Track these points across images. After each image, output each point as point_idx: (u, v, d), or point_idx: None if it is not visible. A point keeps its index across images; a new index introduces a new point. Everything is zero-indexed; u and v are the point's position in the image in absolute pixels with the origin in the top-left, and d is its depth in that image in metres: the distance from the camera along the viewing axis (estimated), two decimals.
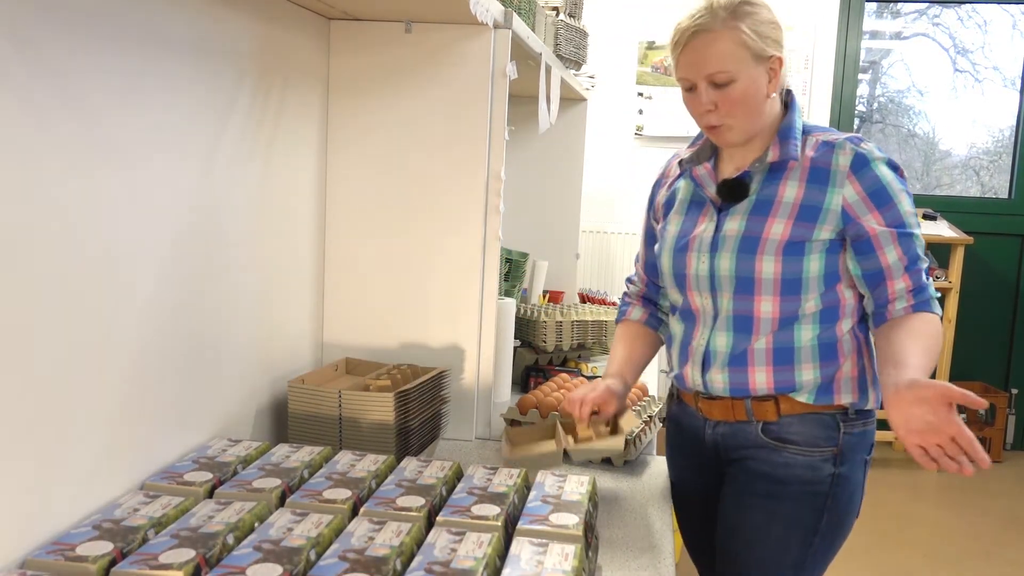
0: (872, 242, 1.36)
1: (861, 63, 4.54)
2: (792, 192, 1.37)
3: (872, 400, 1.43)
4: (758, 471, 1.42)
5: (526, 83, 2.09)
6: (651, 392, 1.97)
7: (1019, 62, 4.53)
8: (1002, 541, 3.41)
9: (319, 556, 0.96)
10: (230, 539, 0.97)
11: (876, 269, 1.37)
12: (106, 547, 0.93)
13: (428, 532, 1.02)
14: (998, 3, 4.49)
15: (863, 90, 4.68)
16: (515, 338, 2.12)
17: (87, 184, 1.02)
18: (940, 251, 4.26)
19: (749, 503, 1.43)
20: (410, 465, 1.22)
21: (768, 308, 1.39)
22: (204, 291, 1.31)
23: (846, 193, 1.35)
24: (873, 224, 1.35)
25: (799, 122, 1.41)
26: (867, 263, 1.37)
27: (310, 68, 1.62)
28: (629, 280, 1.68)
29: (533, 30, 1.97)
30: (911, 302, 1.35)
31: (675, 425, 1.59)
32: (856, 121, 4.60)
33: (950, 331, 4.12)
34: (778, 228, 1.36)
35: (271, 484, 1.12)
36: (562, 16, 2.37)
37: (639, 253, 1.66)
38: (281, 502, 1.11)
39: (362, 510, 1.06)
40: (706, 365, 1.43)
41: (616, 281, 4.39)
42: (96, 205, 1.04)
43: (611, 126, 4.31)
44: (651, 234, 1.60)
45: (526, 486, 1.19)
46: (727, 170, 1.46)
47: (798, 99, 1.45)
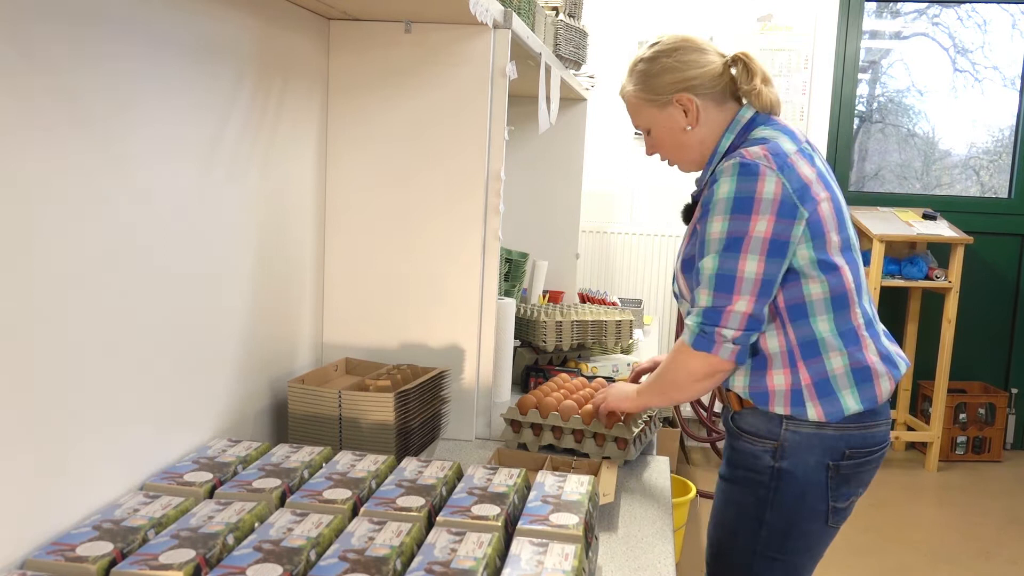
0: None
1: (861, 63, 4.54)
2: (697, 212, 1.49)
3: (814, 413, 1.41)
4: (727, 456, 1.56)
5: (526, 83, 2.09)
6: None
7: (1019, 62, 4.53)
8: (1002, 541, 3.41)
9: (319, 556, 0.96)
10: (230, 539, 0.97)
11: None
12: (106, 547, 0.93)
13: (428, 532, 1.02)
14: (998, 3, 4.49)
15: (863, 90, 4.68)
16: (515, 338, 2.12)
17: (86, 184, 1.02)
18: (940, 251, 4.26)
19: (718, 486, 1.58)
20: (410, 465, 1.22)
21: None
22: (204, 291, 1.31)
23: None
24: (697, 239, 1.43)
25: (724, 143, 1.48)
26: None
27: (310, 68, 1.62)
28: None
29: (533, 30, 1.97)
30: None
31: None
32: (856, 121, 4.60)
33: (950, 331, 4.12)
34: (683, 246, 1.51)
35: (271, 484, 1.12)
36: (562, 16, 2.37)
37: None
38: (281, 502, 1.11)
39: (362, 510, 1.06)
40: None
41: (616, 281, 4.39)
42: (95, 205, 1.04)
43: (611, 126, 4.31)
44: None
45: (526, 486, 1.19)
46: None
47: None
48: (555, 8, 2.35)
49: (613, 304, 3.00)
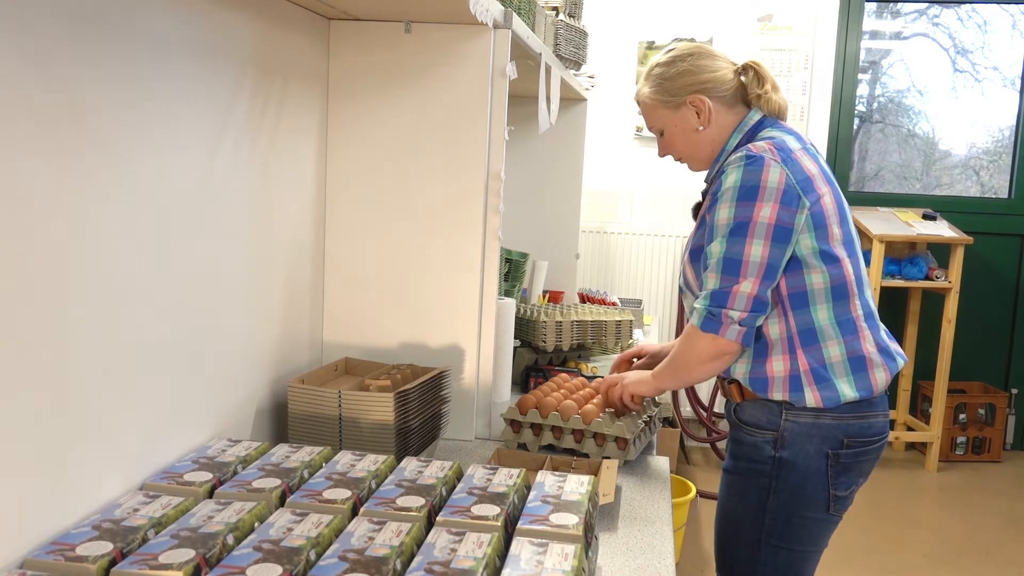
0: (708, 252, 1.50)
1: (861, 63, 4.54)
2: (704, 207, 1.56)
3: (812, 399, 1.46)
4: (729, 449, 1.61)
5: (526, 83, 2.09)
6: None
7: (1019, 62, 4.53)
8: (1002, 541, 3.41)
9: (319, 556, 0.96)
10: (230, 539, 0.97)
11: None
12: (106, 547, 0.93)
13: (428, 532, 1.02)
14: (998, 3, 4.49)
15: (863, 90, 4.68)
16: (515, 338, 2.12)
17: (87, 184, 1.02)
18: (940, 251, 4.25)
19: (722, 479, 1.64)
20: (410, 465, 1.22)
21: None
22: (204, 291, 1.31)
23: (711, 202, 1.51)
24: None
25: (732, 143, 1.57)
26: None
27: (310, 68, 1.62)
28: None
29: (533, 30, 1.97)
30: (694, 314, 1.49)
31: None
32: (856, 121, 4.60)
33: (950, 331, 4.12)
34: (690, 238, 1.58)
35: (271, 484, 1.12)
36: (562, 16, 2.37)
37: None
38: (281, 502, 1.11)
39: (362, 510, 1.06)
40: None
41: (616, 281, 4.39)
42: (96, 205, 1.04)
43: (611, 126, 4.31)
44: None
45: (526, 486, 1.19)
46: None
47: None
48: (555, 8, 2.35)
49: (613, 304, 3.00)
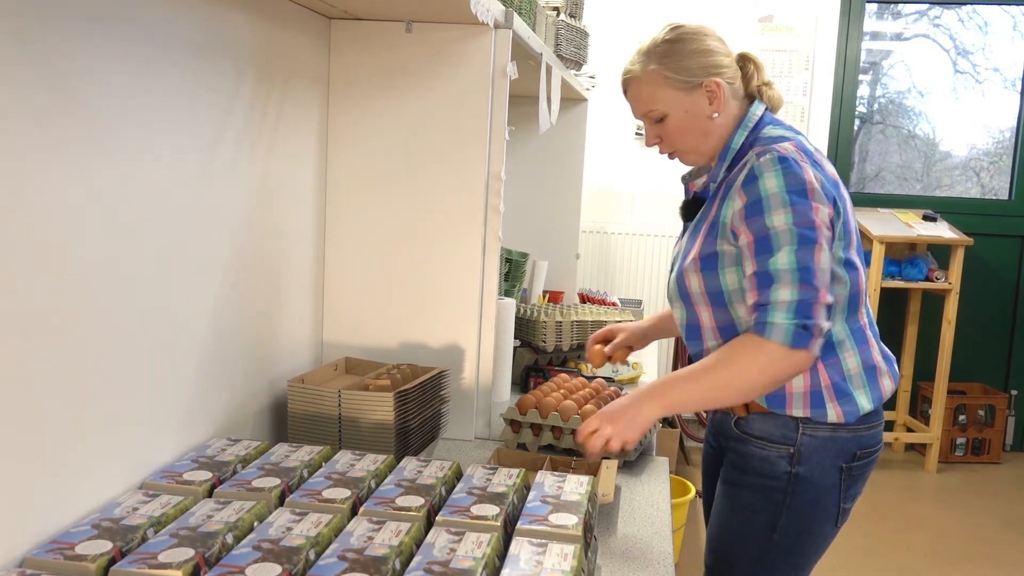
0: (742, 254, 1.36)
1: (862, 64, 4.54)
2: (713, 209, 1.43)
3: (833, 415, 1.39)
4: (731, 460, 1.50)
5: (526, 83, 2.09)
6: None
7: (1019, 63, 4.53)
8: (1002, 541, 3.41)
9: (318, 556, 0.96)
10: (229, 538, 0.97)
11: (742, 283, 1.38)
12: (105, 546, 0.93)
13: (427, 532, 1.02)
14: (999, 4, 4.49)
15: (864, 91, 4.68)
16: (515, 338, 2.12)
17: (87, 184, 1.02)
18: (940, 252, 4.25)
19: (722, 490, 1.52)
20: (410, 465, 1.22)
21: (707, 318, 1.45)
22: (203, 291, 1.31)
23: (735, 207, 1.36)
24: (744, 238, 1.35)
25: (738, 139, 1.44)
26: (742, 276, 1.38)
27: (310, 68, 1.62)
28: None
29: (533, 30, 1.97)
30: (752, 320, 1.33)
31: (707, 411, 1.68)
32: (857, 122, 4.60)
33: (950, 332, 4.11)
34: (699, 244, 1.43)
35: (270, 483, 1.12)
36: (562, 16, 2.37)
37: None
38: (280, 502, 1.11)
39: (361, 510, 1.06)
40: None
41: (616, 281, 4.39)
42: (96, 205, 1.04)
43: (611, 126, 4.31)
44: None
45: (525, 486, 1.19)
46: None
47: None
48: (556, 8, 2.35)
49: (613, 304, 3.00)
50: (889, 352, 1.51)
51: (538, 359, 2.17)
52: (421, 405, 1.51)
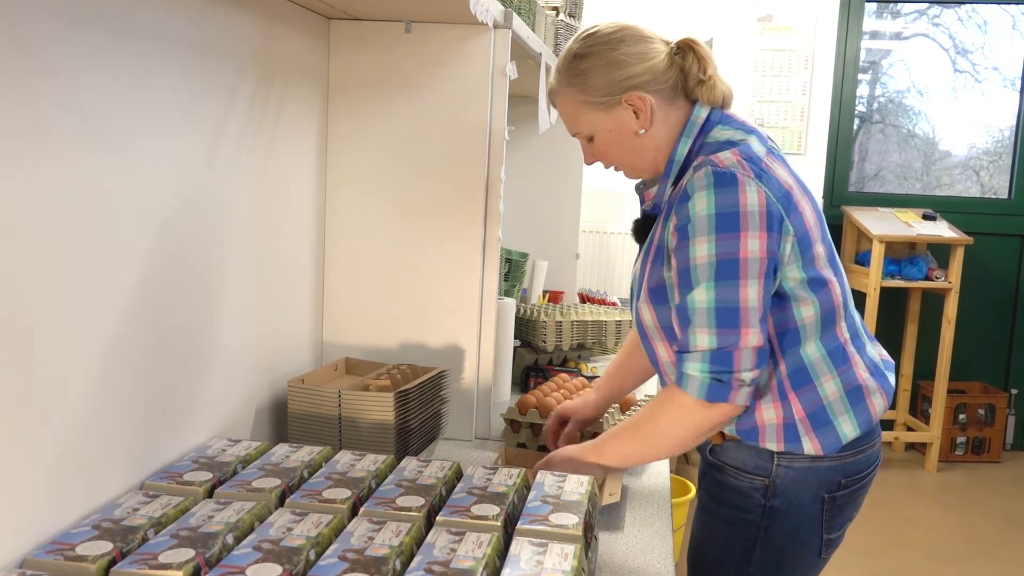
0: (669, 288, 1.24)
1: (861, 63, 4.54)
2: (657, 232, 1.29)
3: (810, 447, 1.27)
4: (706, 487, 1.42)
5: (526, 83, 2.09)
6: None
7: (1019, 62, 4.53)
8: (1002, 541, 3.41)
9: (319, 556, 0.96)
10: (230, 539, 0.97)
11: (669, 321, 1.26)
12: (106, 547, 0.93)
13: (428, 532, 1.02)
14: (998, 3, 4.49)
15: (863, 90, 4.68)
16: (515, 338, 2.12)
17: (87, 184, 1.02)
18: (940, 251, 4.26)
19: (698, 517, 1.45)
20: (410, 465, 1.22)
21: (663, 353, 1.33)
22: (204, 291, 1.31)
23: (669, 228, 1.24)
24: (673, 264, 1.22)
25: (682, 150, 1.28)
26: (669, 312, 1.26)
27: (310, 68, 1.62)
28: None
29: (533, 30, 1.97)
30: (673, 374, 1.23)
31: None
32: (856, 121, 4.60)
33: (949, 331, 4.12)
34: (647, 272, 1.30)
35: (271, 484, 1.12)
36: (562, 16, 2.37)
37: None
38: (281, 502, 1.11)
39: (362, 510, 1.06)
40: None
41: (616, 281, 4.39)
42: (96, 205, 1.04)
43: None
44: None
45: (526, 486, 1.19)
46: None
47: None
48: (555, 8, 2.35)
49: (613, 304, 3.00)
50: (883, 360, 1.38)
51: (538, 359, 2.17)
52: (421, 405, 1.51)
